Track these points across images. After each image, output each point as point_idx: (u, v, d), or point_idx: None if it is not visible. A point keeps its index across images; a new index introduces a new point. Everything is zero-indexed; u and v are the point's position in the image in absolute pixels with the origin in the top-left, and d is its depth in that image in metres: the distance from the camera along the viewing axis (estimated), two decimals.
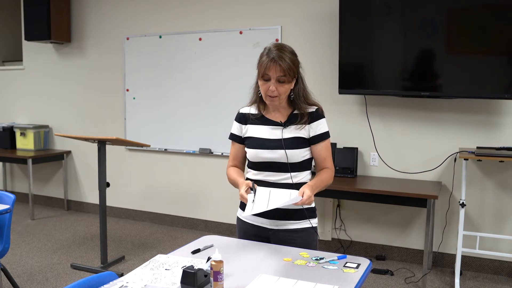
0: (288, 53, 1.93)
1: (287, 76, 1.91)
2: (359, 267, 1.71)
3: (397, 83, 3.74)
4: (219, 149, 4.62)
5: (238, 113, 2.15)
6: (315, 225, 2.06)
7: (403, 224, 4.00)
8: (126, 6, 5.03)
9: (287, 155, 1.97)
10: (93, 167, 5.33)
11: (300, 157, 2.00)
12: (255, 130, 2.06)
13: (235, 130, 2.15)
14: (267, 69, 1.91)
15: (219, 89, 4.59)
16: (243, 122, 2.11)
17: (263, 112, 2.07)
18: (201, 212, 4.85)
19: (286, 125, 2.01)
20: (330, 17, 4.03)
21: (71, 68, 5.44)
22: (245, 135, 2.10)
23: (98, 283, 1.56)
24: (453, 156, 3.74)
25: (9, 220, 2.94)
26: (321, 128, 2.02)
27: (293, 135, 2.00)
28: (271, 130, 2.03)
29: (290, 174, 1.99)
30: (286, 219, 2.02)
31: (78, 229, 4.84)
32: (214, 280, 1.49)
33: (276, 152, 1.99)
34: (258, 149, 2.02)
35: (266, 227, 2.05)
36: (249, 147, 2.06)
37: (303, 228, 2.03)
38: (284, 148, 1.97)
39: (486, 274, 3.74)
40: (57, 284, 3.46)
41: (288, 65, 1.90)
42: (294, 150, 1.98)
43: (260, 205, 1.86)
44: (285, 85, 1.93)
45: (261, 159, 2.02)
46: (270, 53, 1.93)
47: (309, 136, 2.01)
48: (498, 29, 3.36)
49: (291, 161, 1.99)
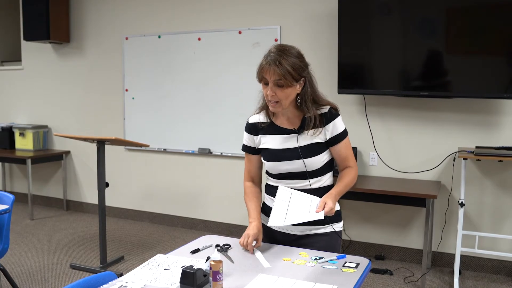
0: (289, 55, 1.80)
1: (285, 79, 1.78)
2: (358, 267, 1.71)
3: (396, 83, 3.75)
4: (218, 149, 4.62)
5: (248, 124, 2.03)
6: (339, 229, 1.99)
7: (402, 223, 4.01)
8: (125, 6, 5.03)
9: (305, 164, 1.88)
10: (92, 167, 5.33)
11: (320, 162, 1.91)
12: (269, 140, 1.96)
13: (247, 141, 2.04)
14: (264, 72, 1.82)
15: (218, 89, 4.59)
16: (254, 132, 2.00)
17: (273, 119, 1.96)
18: (201, 212, 4.84)
19: (300, 132, 1.90)
20: (330, 17, 4.03)
21: (70, 68, 5.43)
22: (258, 146, 2.00)
23: (97, 283, 1.56)
24: (452, 156, 3.75)
25: (8, 220, 2.94)
26: (338, 127, 1.91)
27: (309, 141, 1.89)
28: (285, 139, 1.92)
29: (309, 181, 1.91)
30: (311, 224, 1.90)
31: (77, 229, 4.84)
32: (214, 280, 1.49)
33: (294, 163, 1.90)
34: (275, 162, 1.93)
35: (290, 233, 1.98)
36: (266, 160, 1.97)
37: (327, 232, 1.96)
38: (301, 157, 1.88)
39: (485, 273, 3.75)
40: (57, 284, 3.46)
41: (285, 69, 1.77)
42: (313, 158, 1.89)
43: (278, 217, 1.78)
44: (285, 90, 1.81)
45: (280, 171, 1.94)
46: (268, 55, 1.82)
47: (326, 139, 1.91)
48: (498, 29, 3.36)
49: (310, 169, 1.90)
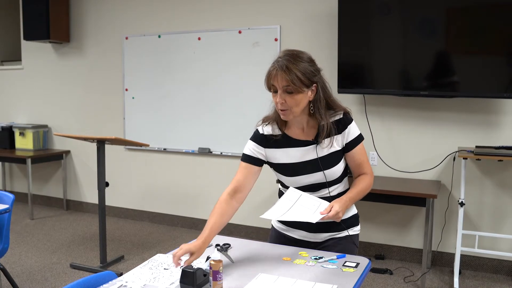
0: (298, 60, 1.72)
1: (293, 85, 1.70)
2: (358, 266, 1.71)
3: (396, 83, 3.75)
4: (218, 148, 4.62)
5: (258, 134, 1.90)
6: (356, 233, 1.97)
7: (402, 223, 4.01)
8: (125, 6, 5.03)
9: (326, 175, 1.84)
10: (92, 167, 5.33)
11: (339, 171, 1.87)
12: (284, 155, 1.86)
13: (252, 151, 1.89)
14: (271, 78, 1.73)
15: (218, 89, 4.59)
16: (265, 144, 1.88)
17: (286, 131, 1.87)
18: (201, 211, 4.84)
19: (318, 142, 1.83)
20: (329, 17, 4.03)
21: (70, 68, 5.43)
22: (270, 160, 1.90)
23: (97, 283, 1.56)
24: (452, 155, 3.74)
25: (8, 220, 2.94)
26: (353, 132, 1.85)
27: (328, 151, 1.83)
28: (303, 151, 1.84)
29: (328, 189, 1.87)
30: (328, 231, 1.92)
31: (77, 229, 4.84)
32: (213, 279, 1.49)
33: (315, 175, 1.84)
34: (296, 176, 1.86)
35: (308, 241, 1.95)
36: (284, 175, 1.89)
37: (344, 236, 1.94)
38: (322, 169, 1.83)
39: (485, 273, 3.75)
40: (56, 284, 3.46)
41: (294, 74, 1.69)
42: (333, 168, 1.84)
43: (274, 212, 1.74)
44: (295, 96, 1.72)
45: (300, 185, 1.87)
46: (276, 61, 1.74)
47: (342, 145, 1.85)
48: (498, 29, 3.36)
49: (330, 179, 1.86)
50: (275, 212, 1.74)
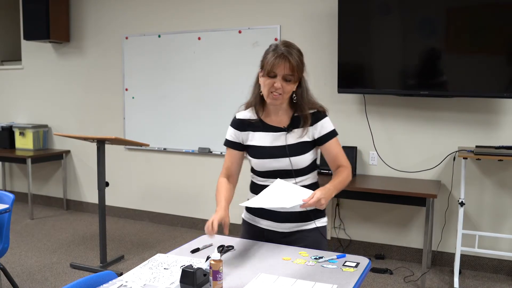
0: (296, 51, 1.84)
1: (295, 74, 1.83)
2: (358, 266, 1.71)
3: (396, 82, 3.75)
4: (218, 148, 4.62)
5: (235, 119, 2.03)
6: (323, 225, 2.00)
7: (402, 223, 4.01)
8: (125, 5, 5.03)
9: (292, 162, 1.90)
10: (92, 167, 5.33)
11: (306, 161, 1.93)
12: (257, 138, 1.96)
13: (231, 136, 2.02)
14: (275, 66, 1.80)
15: (218, 88, 4.59)
16: (241, 128, 2.00)
17: (261, 117, 1.97)
18: (201, 211, 4.84)
19: (289, 130, 1.93)
20: (329, 16, 4.03)
21: (70, 68, 5.43)
22: (245, 142, 2.00)
23: (97, 283, 1.56)
24: (452, 155, 3.74)
25: (8, 219, 2.94)
26: (326, 127, 1.93)
27: (297, 140, 1.92)
28: (274, 137, 1.93)
29: (295, 179, 1.92)
30: (294, 221, 1.96)
31: (78, 229, 4.84)
32: (213, 279, 1.49)
33: (281, 160, 1.91)
34: (263, 159, 1.93)
35: (278, 231, 1.99)
36: (253, 157, 1.97)
37: (311, 228, 1.98)
38: (288, 155, 1.90)
39: (485, 273, 3.75)
40: (57, 284, 3.46)
41: (297, 62, 1.81)
42: (300, 156, 1.91)
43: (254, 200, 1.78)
44: (290, 84, 1.85)
45: (266, 169, 1.94)
46: (278, 49, 1.82)
47: (313, 138, 1.93)
48: (498, 28, 3.36)
49: (297, 167, 1.92)
50: (254, 201, 1.78)
